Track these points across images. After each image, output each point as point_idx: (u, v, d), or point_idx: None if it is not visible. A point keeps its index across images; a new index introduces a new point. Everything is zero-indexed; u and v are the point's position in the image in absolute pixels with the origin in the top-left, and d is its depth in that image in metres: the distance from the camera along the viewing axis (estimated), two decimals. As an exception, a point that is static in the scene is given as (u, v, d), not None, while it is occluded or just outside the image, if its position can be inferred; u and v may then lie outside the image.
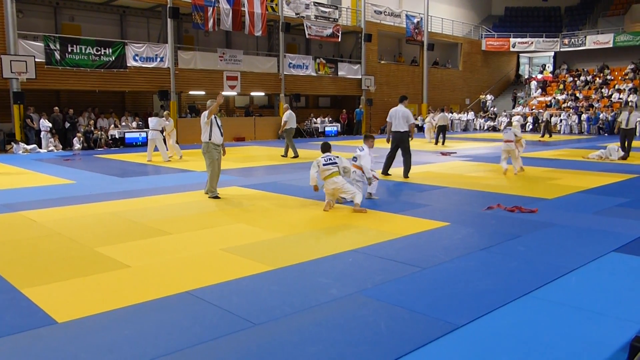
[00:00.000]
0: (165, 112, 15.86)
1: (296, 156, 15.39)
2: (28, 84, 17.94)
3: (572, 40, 35.54)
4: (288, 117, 15.70)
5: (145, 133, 20.62)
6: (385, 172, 11.31)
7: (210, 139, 8.69)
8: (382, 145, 12.74)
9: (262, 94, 26.73)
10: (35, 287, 4.42)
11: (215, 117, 8.75)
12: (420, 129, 30.92)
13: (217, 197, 8.74)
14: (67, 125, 19.32)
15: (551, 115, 29.25)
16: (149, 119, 15.69)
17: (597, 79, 34.29)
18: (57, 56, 18.61)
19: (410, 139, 11.24)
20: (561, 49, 36.21)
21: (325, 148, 8.15)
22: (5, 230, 6.56)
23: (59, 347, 3.36)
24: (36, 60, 17.86)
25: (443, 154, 16.93)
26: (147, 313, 3.92)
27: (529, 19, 39.04)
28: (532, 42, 36.30)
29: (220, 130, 8.79)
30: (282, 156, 15.67)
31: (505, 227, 6.68)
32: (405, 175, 11.23)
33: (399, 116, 11.03)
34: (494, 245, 5.84)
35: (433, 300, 4.17)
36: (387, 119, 11.33)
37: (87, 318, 3.79)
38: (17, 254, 5.50)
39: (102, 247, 5.71)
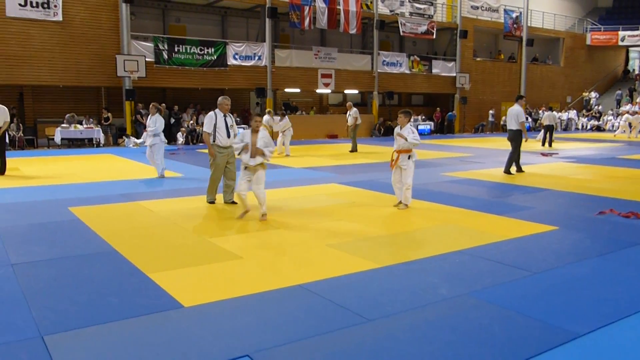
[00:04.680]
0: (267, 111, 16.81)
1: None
2: (138, 82, 19.25)
3: (692, 32, 32.61)
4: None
5: (243, 129, 21.46)
6: (505, 170, 11.62)
7: (214, 141, 7.89)
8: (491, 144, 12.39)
9: (356, 91, 26.86)
10: (161, 273, 4.78)
11: (224, 117, 7.88)
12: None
13: (212, 202, 8.10)
14: (172, 121, 20.51)
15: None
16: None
17: None
18: (165, 56, 19.79)
19: (523, 138, 11.57)
20: (678, 42, 33.37)
21: None
22: (127, 219, 7.11)
23: (187, 329, 3.62)
24: (146, 59, 19.10)
25: (544, 154, 16.19)
26: (265, 303, 4.11)
27: (640, 10, 36.28)
28: (644, 35, 33.74)
29: (227, 130, 7.86)
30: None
31: (621, 234, 6.31)
32: (505, 170, 11.57)
33: (512, 115, 11.59)
34: (610, 252, 5.54)
35: (548, 306, 4.04)
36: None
37: (210, 304, 4.05)
38: (140, 241, 5.95)
39: (214, 238, 6.05)
